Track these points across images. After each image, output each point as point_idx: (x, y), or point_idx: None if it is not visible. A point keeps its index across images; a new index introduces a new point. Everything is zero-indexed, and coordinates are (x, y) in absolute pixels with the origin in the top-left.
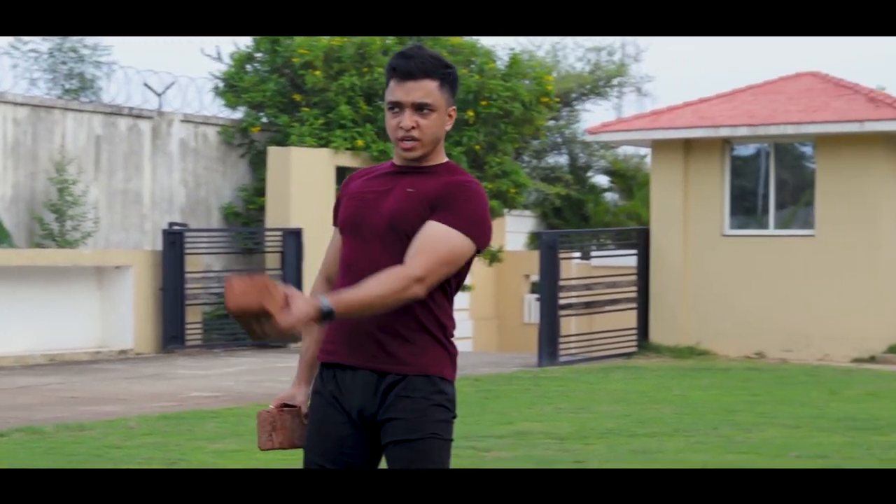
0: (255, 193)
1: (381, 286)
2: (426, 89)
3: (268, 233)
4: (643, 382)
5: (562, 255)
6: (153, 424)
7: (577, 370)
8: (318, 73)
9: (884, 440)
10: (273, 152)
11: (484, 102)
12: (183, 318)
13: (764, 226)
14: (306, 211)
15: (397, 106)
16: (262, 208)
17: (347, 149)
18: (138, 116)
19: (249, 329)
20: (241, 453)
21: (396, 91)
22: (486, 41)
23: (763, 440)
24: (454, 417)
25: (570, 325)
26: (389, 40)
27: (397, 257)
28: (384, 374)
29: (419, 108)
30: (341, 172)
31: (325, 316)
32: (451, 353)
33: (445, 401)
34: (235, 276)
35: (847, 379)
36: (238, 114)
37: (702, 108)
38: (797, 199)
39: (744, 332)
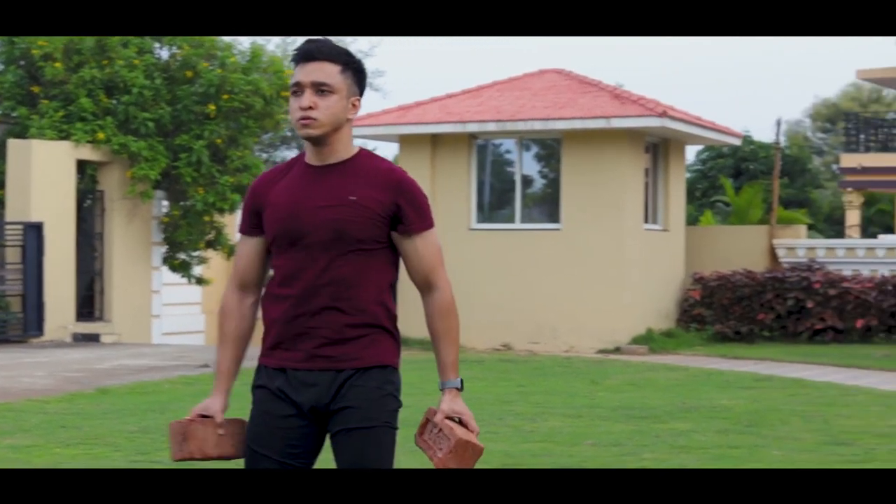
0: None
1: (452, 326)
2: (326, 71)
3: (8, 226)
4: (406, 374)
5: None
6: None
7: None
8: (57, 65)
9: (666, 427)
10: (12, 145)
11: (225, 96)
12: None
13: (510, 220)
14: (47, 204)
15: (298, 87)
16: (0, 202)
17: (88, 142)
18: None
19: None
20: (36, 448)
21: (298, 73)
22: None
23: (552, 429)
24: (400, 406)
25: None
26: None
27: (347, 264)
28: (340, 371)
29: (318, 88)
30: (82, 165)
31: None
32: (398, 341)
33: (395, 390)
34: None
35: (601, 370)
36: None
37: (449, 104)
38: (543, 194)
39: (491, 325)
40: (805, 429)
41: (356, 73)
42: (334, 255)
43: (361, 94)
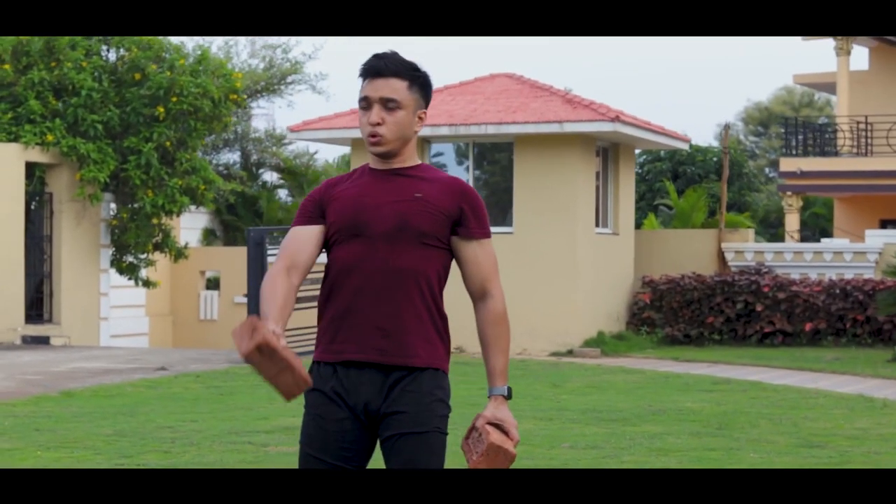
0: None
1: (502, 334)
2: (393, 87)
3: None
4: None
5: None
6: None
7: None
8: (6, 66)
9: (638, 430)
10: None
11: (174, 99)
12: None
13: None
14: None
15: (366, 101)
16: None
17: (37, 144)
18: None
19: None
20: (17, 451)
21: (366, 88)
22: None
23: (526, 432)
24: (450, 412)
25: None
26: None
27: (407, 257)
28: (391, 370)
29: (386, 104)
30: (30, 167)
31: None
32: (449, 346)
33: (445, 396)
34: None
35: (558, 372)
36: None
37: None
38: (495, 198)
39: None
40: (775, 431)
41: (422, 87)
42: (396, 247)
43: (427, 106)
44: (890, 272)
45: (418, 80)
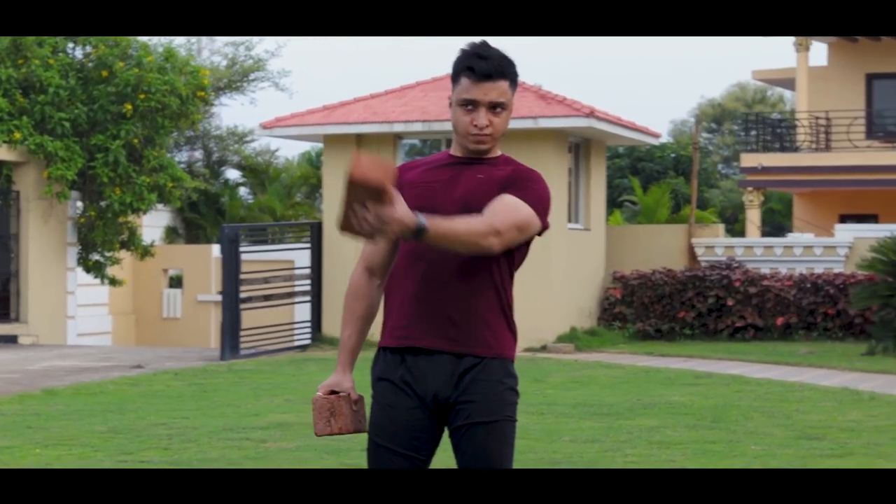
0: None
1: (468, 226)
2: (501, 89)
3: None
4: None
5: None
6: None
7: (267, 362)
8: None
9: (634, 424)
10: None
11: (142, 96)
12: None
13: None
14: None
15: (472, 104)
16: None
17: (4, 142)
18: None
19: (350, 212)
20: (16, 449)
21: (473, 90)
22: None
23: (523, 427)
24: (518, 397)
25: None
26: None
27: None
28: (461, 357)
29: (494, 106)
30: None
31: (417, 231)
32: (516, 335)
33: (515, 384)
34: (364, 153)
35: (537, 368)
36: None
37: (373, 104)
38: None
39: None
40: (770, 424)
41: (516, 81)
42: None
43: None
44: (865, 266)
45: (515, 77)
